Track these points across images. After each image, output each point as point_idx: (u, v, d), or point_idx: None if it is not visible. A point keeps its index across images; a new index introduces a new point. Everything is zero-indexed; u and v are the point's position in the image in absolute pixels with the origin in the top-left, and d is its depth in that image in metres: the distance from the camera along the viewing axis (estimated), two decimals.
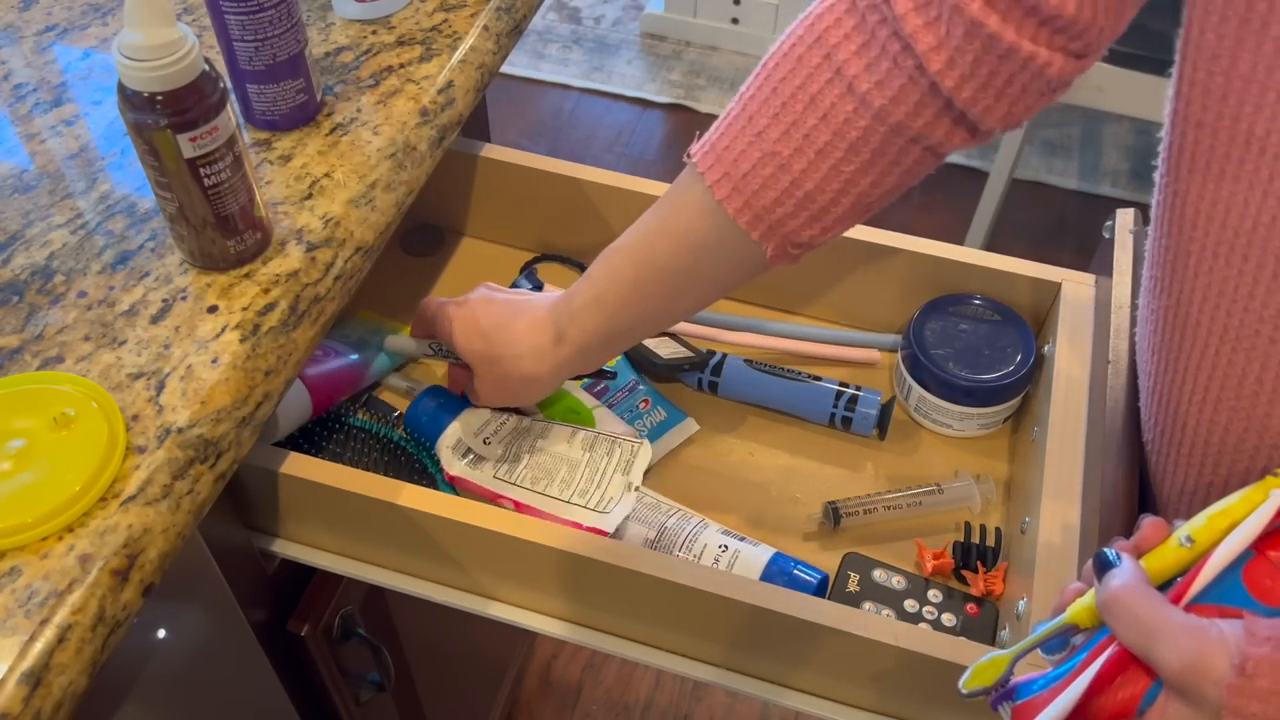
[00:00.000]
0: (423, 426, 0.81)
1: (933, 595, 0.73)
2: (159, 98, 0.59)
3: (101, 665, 0.54)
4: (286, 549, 0.76)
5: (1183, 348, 0.56)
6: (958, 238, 2.08)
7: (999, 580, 0.74)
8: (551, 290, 0.81)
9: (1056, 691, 0.48)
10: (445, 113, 0.80)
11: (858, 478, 0.82)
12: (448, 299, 0.78)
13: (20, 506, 0.55)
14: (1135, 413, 0.66)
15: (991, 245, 2.05)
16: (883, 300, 0.89)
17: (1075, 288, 0.83)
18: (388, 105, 0.78)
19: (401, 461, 0.81)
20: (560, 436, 0.80)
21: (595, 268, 0.69)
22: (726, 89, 2.45)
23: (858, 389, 0.83)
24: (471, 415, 0.80)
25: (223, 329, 0.64)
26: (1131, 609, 0.46)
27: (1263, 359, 0.51)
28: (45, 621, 0.52)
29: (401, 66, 0.81)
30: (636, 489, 0.76)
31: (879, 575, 0.74)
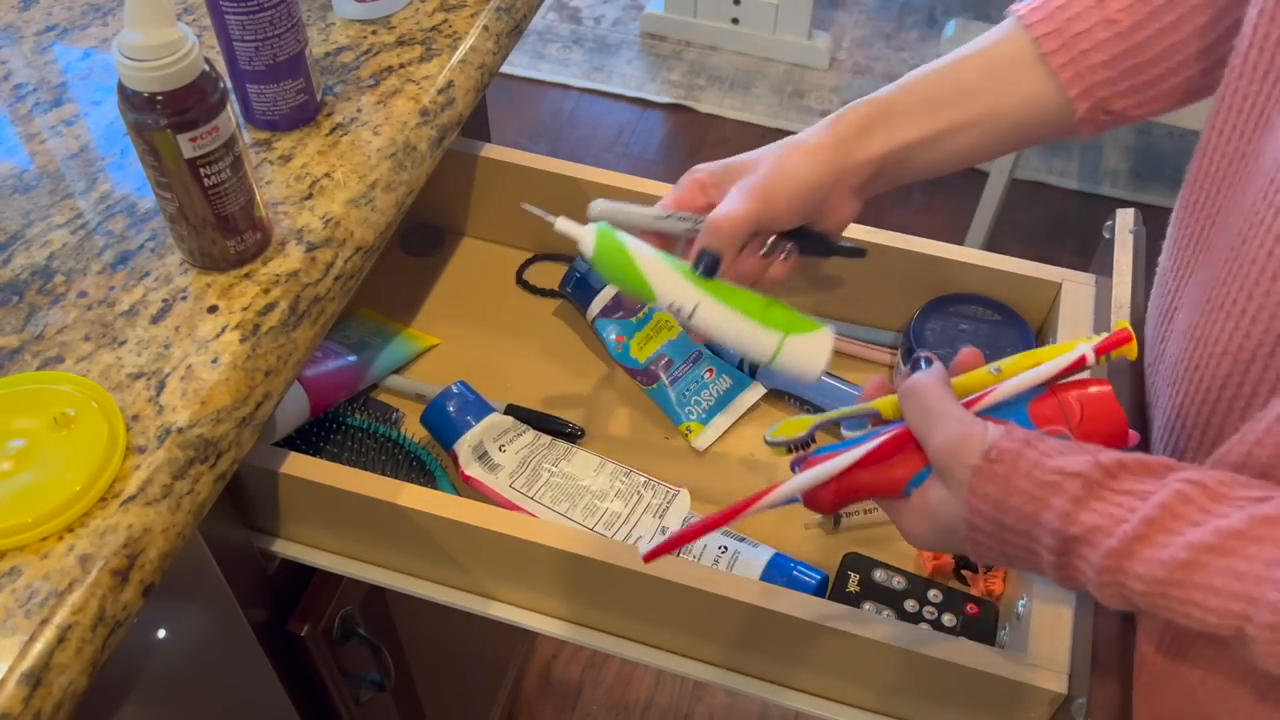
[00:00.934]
0: (446, 420, 0.79)
1: (933, 595, 0.73)
2: (159, 98, 0.59)
3: (101, 665, 0.54)
4: (286, 549, 0.76)
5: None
6: (958, 238, 2.08)
7: (999, 580, 0.74)
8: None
9: (839, 455, 0.55)
10: (445, 113, 0.80)
11: None
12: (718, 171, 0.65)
13: (20, 506, 0.55)
14: (1135, 412, 0.66)
15: (992, 245, 2.05)
16: (883, 300, 0.89)
17: (1075, 288, 0.83)
18: (388, 105, 0.78)
19: (400, 461, 0.81)
20: (587, 465, 0.79)
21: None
22: (726, 89, 2.45)
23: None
24: (496, 420, 0.79)
25: (223, 329, 0.64)
26: (922, 396, 0.53)
27: None
28: (45, 621, 0.52)
29: (401, 66, 0.81)
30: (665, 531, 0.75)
31: (879, 575, 0.74)
